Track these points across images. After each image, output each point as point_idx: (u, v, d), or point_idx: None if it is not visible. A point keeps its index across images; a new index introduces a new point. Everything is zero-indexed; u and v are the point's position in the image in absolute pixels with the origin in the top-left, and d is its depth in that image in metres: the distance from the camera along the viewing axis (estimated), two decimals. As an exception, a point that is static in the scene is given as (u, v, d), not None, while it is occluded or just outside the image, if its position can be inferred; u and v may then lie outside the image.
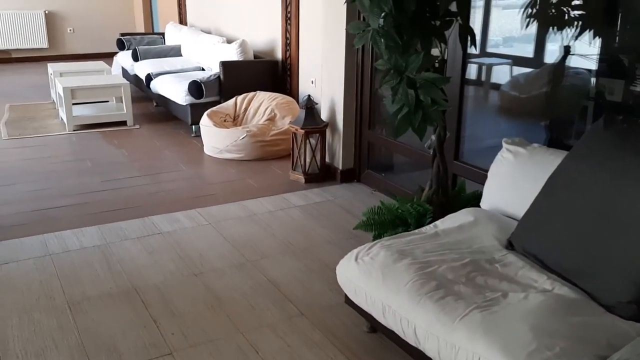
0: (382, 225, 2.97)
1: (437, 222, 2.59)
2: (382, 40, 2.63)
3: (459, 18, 2.72)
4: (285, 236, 3.46)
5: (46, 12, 9.73)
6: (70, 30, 10.04)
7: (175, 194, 4.13)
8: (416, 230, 2.54)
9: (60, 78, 6.15)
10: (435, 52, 2.80)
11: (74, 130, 5.66)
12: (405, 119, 2.64)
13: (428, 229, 2.54)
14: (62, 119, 5.88)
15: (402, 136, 2.80)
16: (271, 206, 3.89)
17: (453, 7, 2.69)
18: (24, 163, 4.74)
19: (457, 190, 3.18)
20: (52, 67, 6.84)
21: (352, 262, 2.32)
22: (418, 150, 3.68)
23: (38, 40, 9.73)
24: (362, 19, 3.95)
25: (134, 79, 6.87)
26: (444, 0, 2.59)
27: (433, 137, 2.96)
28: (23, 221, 3.63)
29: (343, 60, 4.09)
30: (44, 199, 3.98)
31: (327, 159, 4.40)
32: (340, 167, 4.32)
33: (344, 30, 4.00)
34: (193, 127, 5.48)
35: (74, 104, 5.71)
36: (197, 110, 5.33)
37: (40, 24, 9.68)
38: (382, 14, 2.59)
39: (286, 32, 5.63)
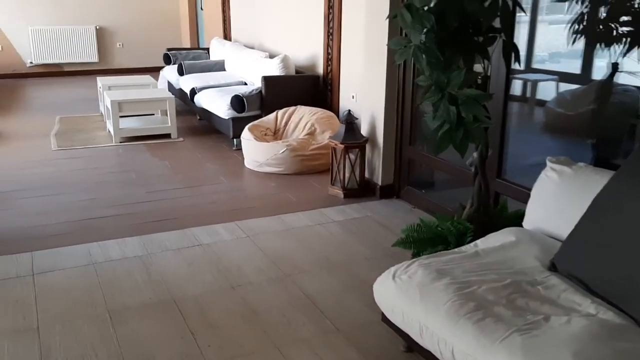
0: (421, 243, 2.94)
1: (478, 242, 2.54)
2: (424, 56, 2.61)
3: (502, 34, 2.68)
4: (322, 251, 3.45)
5: (97, 27, 10.07)
6: (119, 45, 10.36)
7: (215, 206, 4.18)
8: (456, 249, 2.50)
9: (108, 91, 6.34)
10: (478, 68, 2.77)
11: (121, 142, 5.81)
12: (446, 135, 2.61)
13: (468, 248, 2.49)
14: (109, 131, 6.05)
15: (443, 153, 2.77)
16: (309, 221, 3.89)
17: (496, 23, 2.66)
18: (72, 173, 4.89)
19: (499, 208, 3.11)
20: (101, 80, 7.06)
21: (389, 280, 2.29)
22: (459, 167, 3.62)
23: (89, 54, 10.07)
24: (403, 34, 3.94)
25: (179, 93, 7.02)
26: (487, 17, 2.57)
27: (475, 155, 2.91)
28: (69, 230, 3.74)
29: (384, 76, 4.08)
30: (90, 209, 4.09)
31: (366, 175, 4.39)
32: (380, 183, 4.30)
33: (386, 46, 3.99)
34: (234, 140, 5.55)
35: (121, 116, 5.87)
36: (238, 124, 5.40)
37: (91, 39, 10.03)
38: (424, 30, 2.58)
39: (328, 47, 5.66)
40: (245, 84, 6.45)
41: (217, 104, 5.65)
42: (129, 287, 3.02)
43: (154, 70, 8.86)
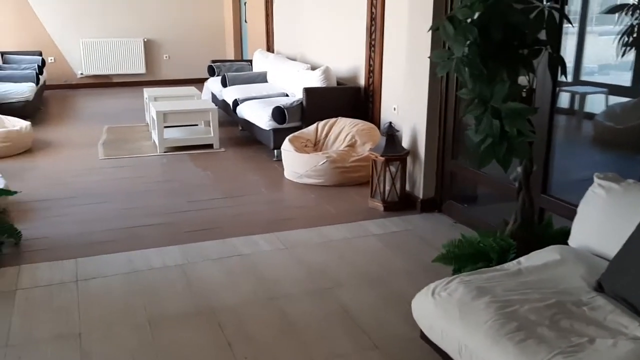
0: (462, 259, 2.87)
1: (521, 259, 2.47)
2: (467, 69, 2.57)
3: (548, 47, 2.62)
4: (361, 265, 3.42)
5: (145, 40, 10.35)
6: (166, 57, 10.61)
7: (255, 216, 4.21)
8: (497, 267, 2.43)
9: (154, 102, 6.49)
10: (522, 80, 2.71)
11: (165, 152, 5.92)
12: (489, 149, 2.56)
13: (510, 265, 2.42)
14: (154, 141, 6.18)
15: (486, 167, 2.71)
16: (349, 233, 3.86)
17: (542, 35, 2.60)
18: (118, 182, 5.00)
19: (543, 225, 3.02)
20: (147, 91, 7.24)
21: (428, 297, 2.24)
22: (502, 182, 3.54)
23: (137, 66, 10.35)
24: (446, 47, 3.90)
25: (222, 104, 7.13)
26: (533, 29, 2.51)
27: (519, 169, 2.84)
28: (112, 238, 3.82)
29: (426, 88, 4.04)
30: (133, 218, 4.17)
31: (407, 188, 4.34)
32: (421, 197, 4.24)
33: (428, 58, 3.95)
34: (275, 151, 5.58)
35: (165, 127, 5.99)
36: (279, 135, 5.43)
37: (139, 51, 10.30)
38: (467, 43, 2.54)
39: (370, 59, 5.65)
40: (287, 95, 6.50)
41: (258, 115, 5.70)
42: (169, 296, 3.05)
43: (199, 82, 9.03)
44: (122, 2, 10.12)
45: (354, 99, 5.79)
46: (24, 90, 7.10)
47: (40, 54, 9.28)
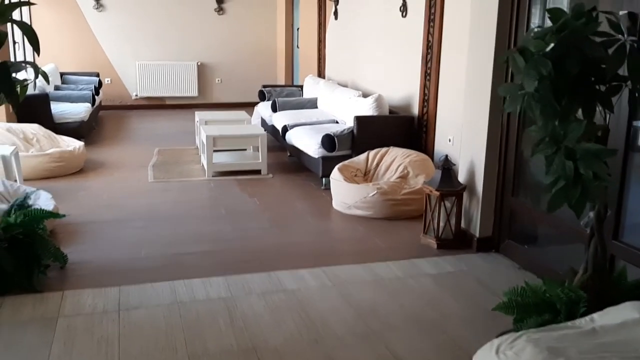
0: (525, 309, 2.64)
1: (595, 316, 2.23)
2: (538, 105, 2.38)
3: (629, 82, 2.40)
4: (413, 307, 3.22)
5: (199, 63, 10.49)
6: (218, 80, 10.72)
7: (301, 248, 4.07)
8: (569, 323, 2.20)
9: (204, 126, 6.49)
10: (597, 118, 2.50)
11: (213, 176, 5.88)
12: (561, 193, 2.35)
13: (583, 322, 2.19)
14: (203, 165, 6.16)
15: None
16: (400, 272, 3.67)
17: (622, 70, 2.39)
18: (165, 206, 4.97)
19: (616, 276, 2.76)
20: (198, 115, 7.26)
21: (492, 355, 2.03)
22: (569, 222, 3.29)
23: (189, 89, 10.48)
24: (509, 79, 3.71)
25: (271, 129, 7.07)
26: (613, 65, 2.31)
27: (591, 215, 2.61)
28: (157, 265, 3.75)
29: (486, 121, 3.84)
30: (178, 244, 4.10)
31: (462, 225, 4.12)
32: (477, 235, 4.01)
33: (489, 90, 3.77)
34: (323, 179, 5.45)
35: (214, 150, 5.96)
36: (328, 163, 5.31)
37: (193, 75, 10.44)
38: (539, 77, 2.36)
39: (424, 87, 5.49)
40: (337, 122, 6.39)
41: (307, 142, 5.60)
42: (211, 331, 2.93)
43: (249, 106, 9.05)
44: (178, 26, 10.31)
45: (407, 128, 5.62)
46: (79, 110, 7.24)
47: (97, 75, 9.51)
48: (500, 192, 3.94)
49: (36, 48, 3.16)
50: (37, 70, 3.31)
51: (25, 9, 9.18)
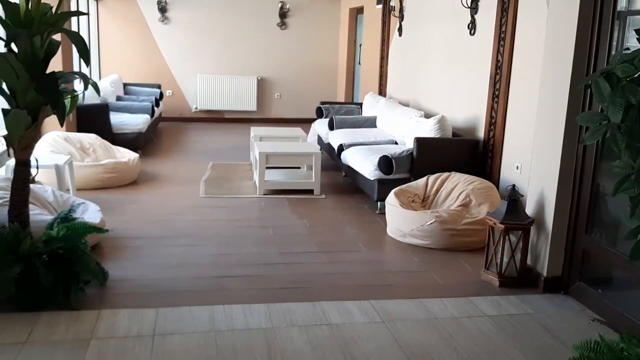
0: (600, 369, 2.29)
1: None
2: (624, 138, 2.06)
3: None
4: (470, 353, 2.90)
5: (259, 78, 10.46)
6: (277, 95, 10.66)
7: (350, 278, 3.81)
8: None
9: (258, 142, 6.36)
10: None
11: (264, 194, 5.72)
12: (650, 241, 2.00)
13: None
14: (255, 182, 6.01)
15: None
16: (456, 311, 3.35)
17: None
18: (213, 224, 4.82)
19: None
20: (254, 130, 7.16)
21: None
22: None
23: (248, 103, 10.46)
24: (588, 106, 3.36)
25: (328, 147, 6.87)
26: None
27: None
28: (197, 287, 3.58)
29: (560, 150, 3.49)
30: (222, 266, 3.93)
31: (528, 262, 3.75)
32: (545, 274, 3.64)
33: (564, 117, 3.42)
34: (378, 203, 5.19)
35: (267, 168, 5.81)
36: (384, 187, 5.04)
37: (252, 89, 10.42)
38: (627, 106, 2.04)
39: (492, 110, 5.15)
40: (396, 143, 6.12)
41: (363, 162, 5.35)
42: (246, 367, 2.72)
43: (307, 122, 8.91)
44: (240, 41, 10.33)
45: (471, 153, 5.28)
46: (138, 122, 7.28)
47: (159, 86, 9.62)
48: (572, 228, 3.57)
49: (85, 59, 3.07)
50: (87, 81, 3.22)
51: (93, 21, 9.42)
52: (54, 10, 3.16)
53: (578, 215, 3.53)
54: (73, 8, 7.49)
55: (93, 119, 6.83)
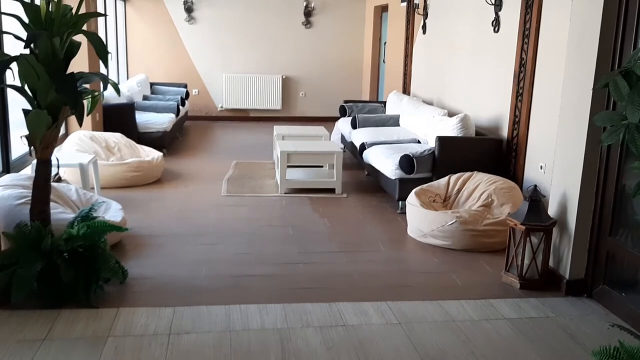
0: (620, 377, 2.22)
1: None
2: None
3: None
4: (487, 356, 2.85)
5: (283, 77, 10.48)
6: (302, 94, 10.67)
7: (368, 278, 3.79)
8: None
9: (281, 141, 6.36)
10: None
11: (285, 193, 5.72)
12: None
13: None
14: (277, 181, 6.02)
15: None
16: (475, 313, 3.30)
17: None
18: (233, 222, 4.85)
19: None
20: (277, 129, 7.17)
21: None
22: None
23: (273, 101, 10.49)
24: (612, 106, 3.27)
25: (350, 146, 6.85)
26: None
27: None
28: (215, 286, 3.60)
29: (583, 151, 3.40)
30: (241, 265, 3.94)
31: (550, 264, 3.68)
32: (567, 277, 3.56)
33: (587, 117, 3.33)
34: (400, 203, 5.14)
35: (289, 166, 5.81)
36: (406, 186, 4.99)
37: (277, 88, 10.45)
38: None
39: (515, 108, 5.05)
40: (419, 142, 6.06)
41: (384, 161, 5.31)
42: (260, 367, 2.72)
43: (331, 120, 8.89)
44: (265, 40, 10.37)
45: (494, 152, 5.19)
46: (163, 121, 7.36)
47: (185, 86, 9.71)
48: (595, 230, 3.48)
49: (104, 60, 3.11)
50: (106, 82, 3.26)
51: (120, 21, 9.55)
52: (74, 11, 3.20)
53: (602, 217, 3.44)
54: (100, 8, 7.60)
55: (119, 118, 6.92)
